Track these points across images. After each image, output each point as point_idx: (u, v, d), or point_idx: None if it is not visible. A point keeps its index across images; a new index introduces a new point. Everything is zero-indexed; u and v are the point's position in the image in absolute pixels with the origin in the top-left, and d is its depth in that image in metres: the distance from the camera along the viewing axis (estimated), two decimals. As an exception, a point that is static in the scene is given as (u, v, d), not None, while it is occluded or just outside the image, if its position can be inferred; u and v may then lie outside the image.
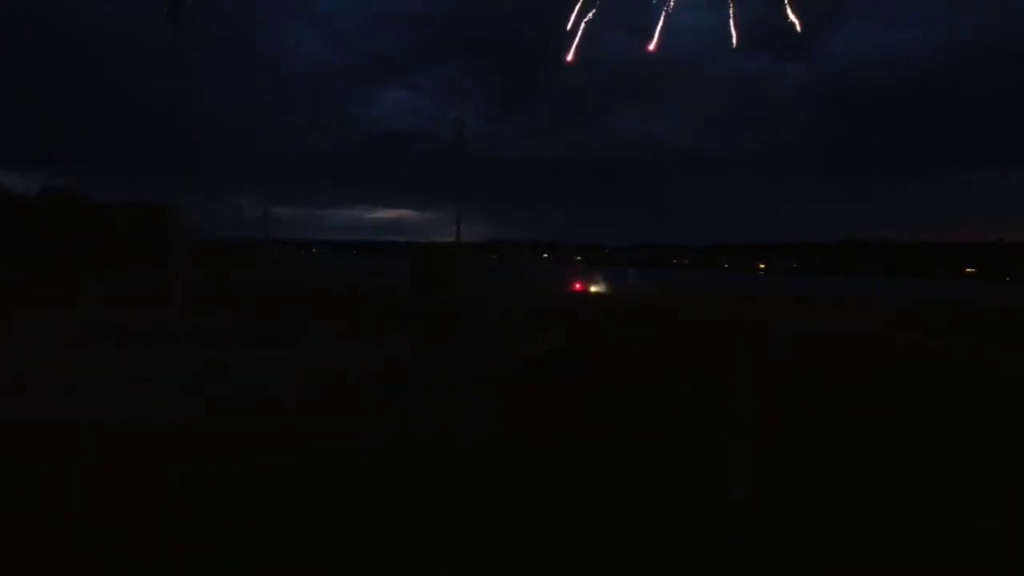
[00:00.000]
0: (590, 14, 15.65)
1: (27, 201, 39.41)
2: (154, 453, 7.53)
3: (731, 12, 15.55)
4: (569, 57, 16.43)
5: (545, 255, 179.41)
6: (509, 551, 5.28)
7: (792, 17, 14.92)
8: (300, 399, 10.41)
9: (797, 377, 12.93)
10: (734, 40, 15.54)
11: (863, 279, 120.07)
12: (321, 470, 7.19)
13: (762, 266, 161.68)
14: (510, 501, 6.34)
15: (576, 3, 15.34)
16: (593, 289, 42.97)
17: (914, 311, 32.15)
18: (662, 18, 15.48)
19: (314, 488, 6.58)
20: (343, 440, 8.27)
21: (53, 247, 31.60)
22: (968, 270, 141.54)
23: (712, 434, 8.86)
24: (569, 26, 15.97)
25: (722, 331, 20.38)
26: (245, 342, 14.96)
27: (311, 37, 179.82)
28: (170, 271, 17.86)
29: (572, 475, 7.24)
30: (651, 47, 15.82)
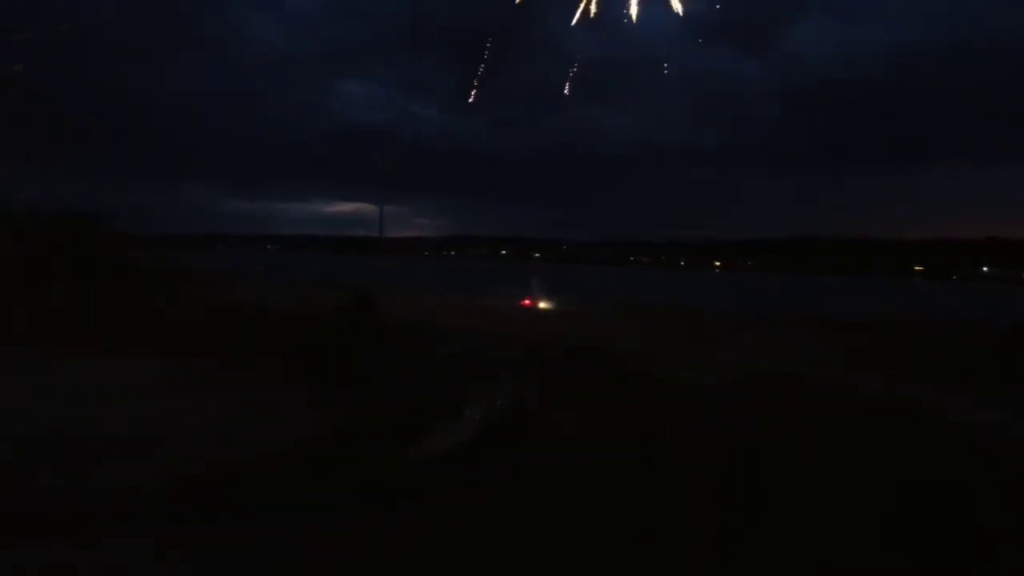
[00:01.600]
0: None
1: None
2: None
3: None
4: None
5: (503, 252, 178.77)
6: None
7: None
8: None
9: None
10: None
11: (815, 279, 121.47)
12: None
13: (718, 264, 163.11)
14: None
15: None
16: (542, 306, 39.71)
17: (857, 329, 31.38)
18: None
19: None
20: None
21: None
22: (917, 268, 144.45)
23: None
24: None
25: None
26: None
27: (266, 25, 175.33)
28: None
29: None
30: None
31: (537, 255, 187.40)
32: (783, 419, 12.44)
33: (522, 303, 39.91)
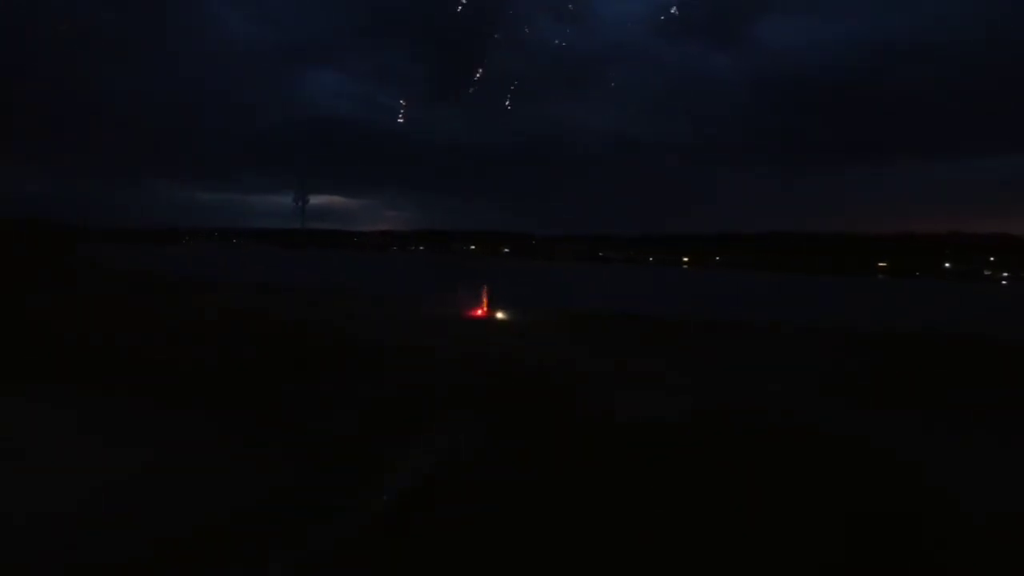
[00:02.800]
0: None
1: None
2: None
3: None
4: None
5: (472, 247, 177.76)
6: None
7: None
8: None
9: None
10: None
11: (782, 276, 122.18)
12: None
13: (686, 260, 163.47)
14: None
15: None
16: (500, 316, 36.36)
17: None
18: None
19: None
20: None
21: None
22: (880, 264, 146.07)
23: None
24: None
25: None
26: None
27: (235, 14, 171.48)
28: None
29: None
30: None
31: (507, 250, 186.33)
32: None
33: (475, 312, 37.97)
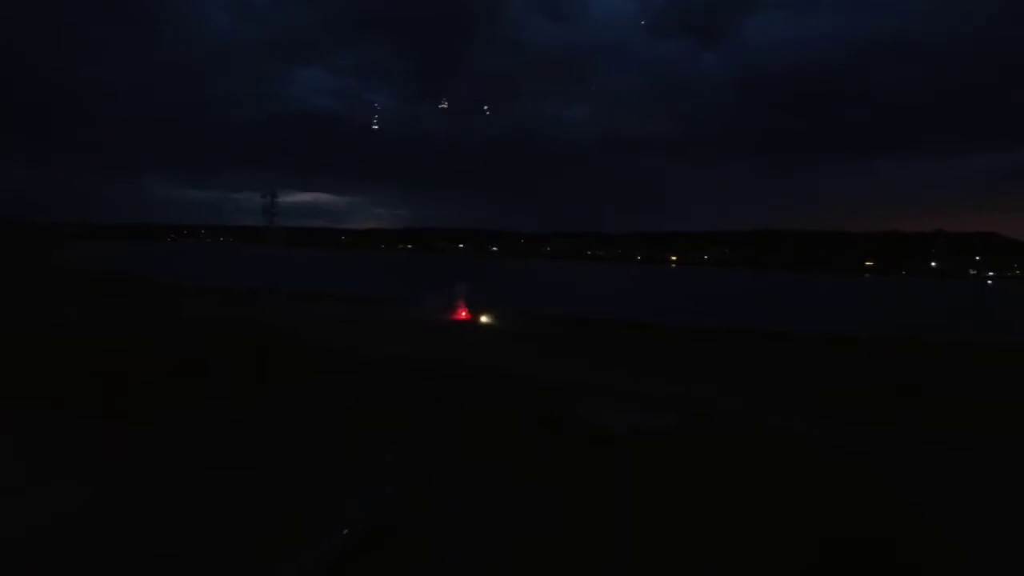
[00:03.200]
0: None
1: None
2: None
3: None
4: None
5: (461, 245, 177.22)
6: None
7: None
8: None
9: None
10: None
11: (769, 275, 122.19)
12: None
13: (674, 258, 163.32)
14: None
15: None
16: (484, 320, 35.41)
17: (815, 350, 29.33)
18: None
19: None
20: None
21: None
22: (867, 263, 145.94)
23: None
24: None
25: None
26: None
27: (221, 10, 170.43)
28: None
29: None
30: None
31: (494, 248, 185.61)
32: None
33: (457, 316, 37.39)
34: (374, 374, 19.20)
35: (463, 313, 39.05)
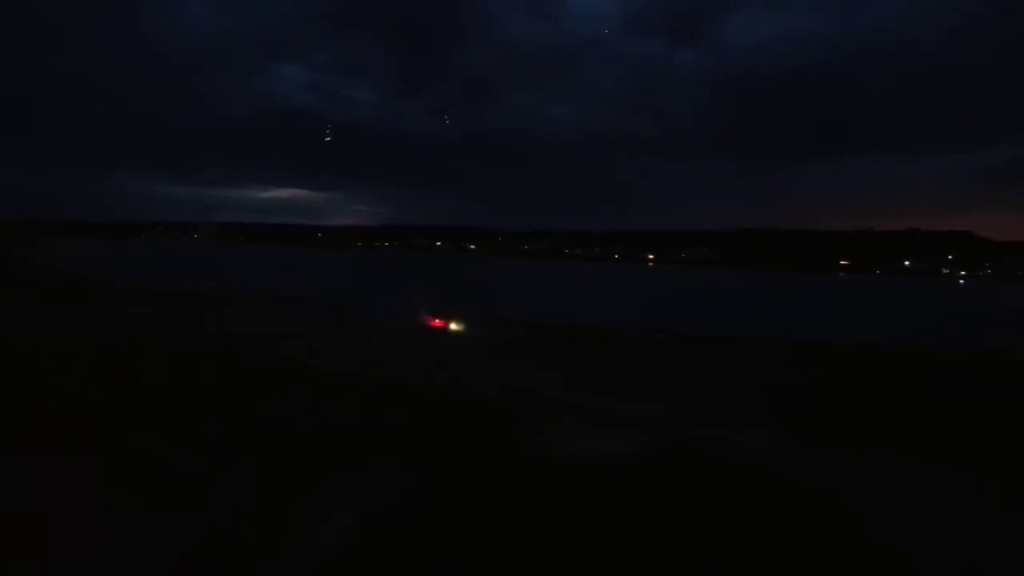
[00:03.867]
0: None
1: None
2: None
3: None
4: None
5: (439, 243, 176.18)
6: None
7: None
8: None
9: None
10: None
11: (746, 275, 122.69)
12: None
13: (651, 257, 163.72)
14: None
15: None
16: (454, 327, 34.06)
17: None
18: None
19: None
20: None
21: None
22: (842, 263, 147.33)
23: None
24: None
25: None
26: None
27: (198, 4, 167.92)
28: None
29: None
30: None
31: (472, 247, 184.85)
32: None
33: (431, 322, 36.34)
34: (324, 397, 17.97)
35: (435, 320, 37.67)
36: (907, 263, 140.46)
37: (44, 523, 10.20)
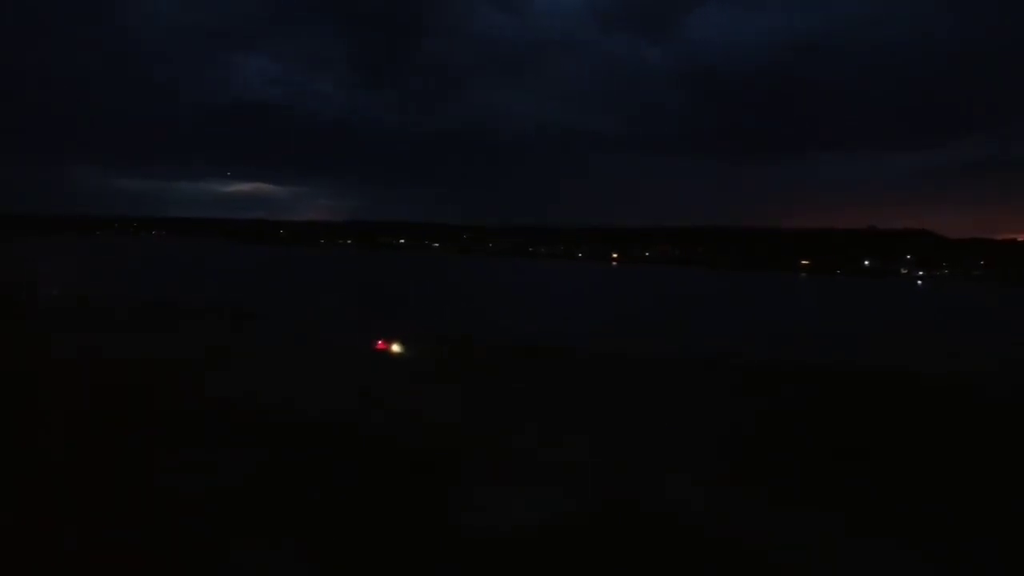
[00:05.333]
0: None
1: None
2: None
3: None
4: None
5: (402, 240, 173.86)
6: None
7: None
8: None
9: None
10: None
11: (709, 273, 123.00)
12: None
13: (615, 256, 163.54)
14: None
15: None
16: (395, 349, 30.46)
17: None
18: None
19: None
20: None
21: None
22: (803, 262, 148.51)
23: None
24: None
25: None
26: None
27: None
28: None
29: None
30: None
31: (436, 245, 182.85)
32: None
33: (375, 344, 34.13)
34: (236, 436, 16.22)
35: (380, 343, 34.93)
36: (867, 263, 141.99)
37: None
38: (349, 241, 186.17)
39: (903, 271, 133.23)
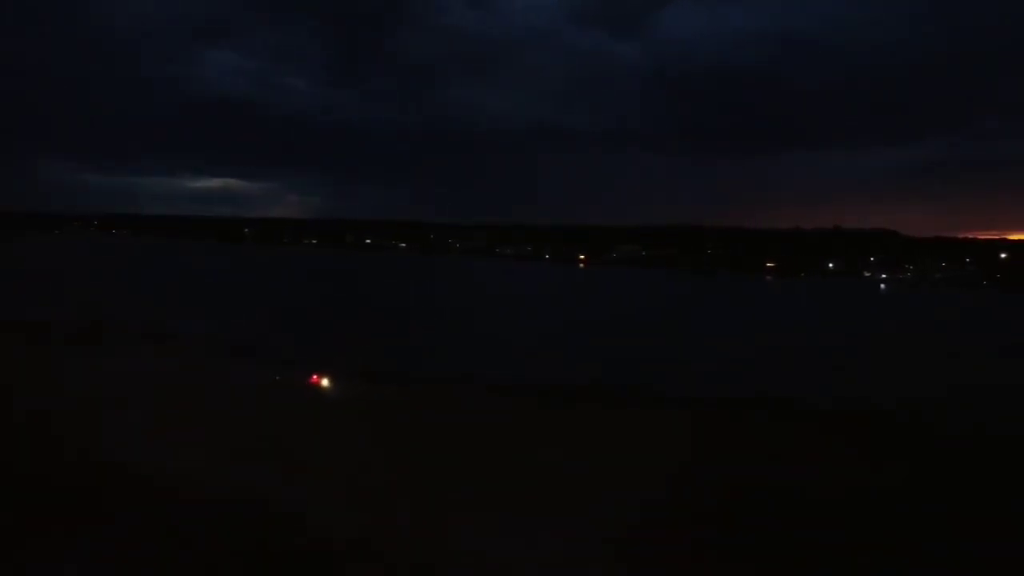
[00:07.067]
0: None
1: None
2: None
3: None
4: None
5: (368, 240, 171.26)
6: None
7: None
8: None
9: None
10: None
11: (676, 277, 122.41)
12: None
13: (582, 257, 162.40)
14: None
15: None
16: (324, 384, 29.26)
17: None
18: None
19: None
20: None
21: None
22: (768, 264, 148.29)
23: None
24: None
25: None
26: None
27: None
28: None
29: None
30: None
31: (403, 245, 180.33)
32: None
33: (311, 380, 31.96)
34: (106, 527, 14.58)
35: (314, 377, 32.92)
36: (831, 264, 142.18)
37: None
38: (315, 241, 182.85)
39: (866, 274, 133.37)
